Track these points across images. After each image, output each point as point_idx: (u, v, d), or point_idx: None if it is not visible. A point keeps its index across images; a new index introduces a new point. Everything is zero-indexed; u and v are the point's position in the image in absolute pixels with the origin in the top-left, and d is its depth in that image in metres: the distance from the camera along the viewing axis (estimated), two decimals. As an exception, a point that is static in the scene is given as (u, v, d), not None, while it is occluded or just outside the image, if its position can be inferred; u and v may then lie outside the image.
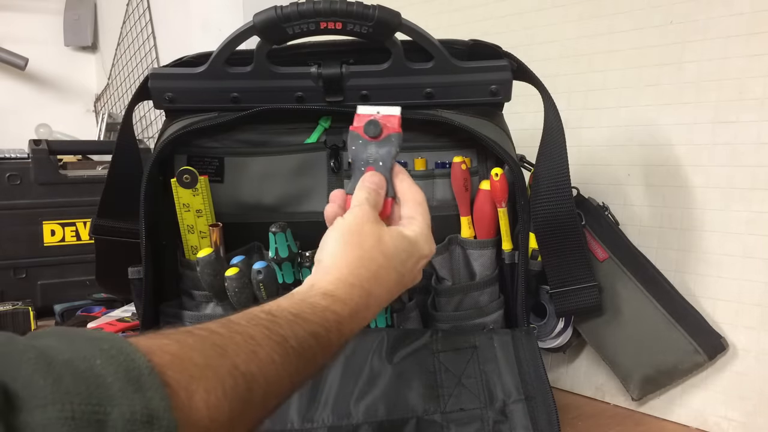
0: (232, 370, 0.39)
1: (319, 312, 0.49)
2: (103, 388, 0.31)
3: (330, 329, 0.48)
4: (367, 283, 0.53)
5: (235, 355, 0.40)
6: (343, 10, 0.72)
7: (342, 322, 0.50)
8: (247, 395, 0.40)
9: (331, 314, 0.49)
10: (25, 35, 2.22)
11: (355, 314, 0.51)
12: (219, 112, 0.79)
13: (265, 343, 0.43)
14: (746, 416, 0.80)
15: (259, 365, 0.41)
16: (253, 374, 0.41)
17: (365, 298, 0.53)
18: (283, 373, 0.43)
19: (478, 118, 0.79)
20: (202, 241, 0.81)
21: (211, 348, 0.40)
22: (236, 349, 0.41)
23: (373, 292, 0.53)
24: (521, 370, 0.73)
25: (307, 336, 0.46)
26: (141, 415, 0.32)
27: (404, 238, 0.57)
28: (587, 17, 0.95)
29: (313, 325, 0.47)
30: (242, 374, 0.40)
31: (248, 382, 0.40)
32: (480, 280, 0.81)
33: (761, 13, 0.79)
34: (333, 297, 0.51)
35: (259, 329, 0.44)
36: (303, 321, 0.47)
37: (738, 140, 0.81)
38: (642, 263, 0.88)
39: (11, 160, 1.30)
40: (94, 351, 0.33)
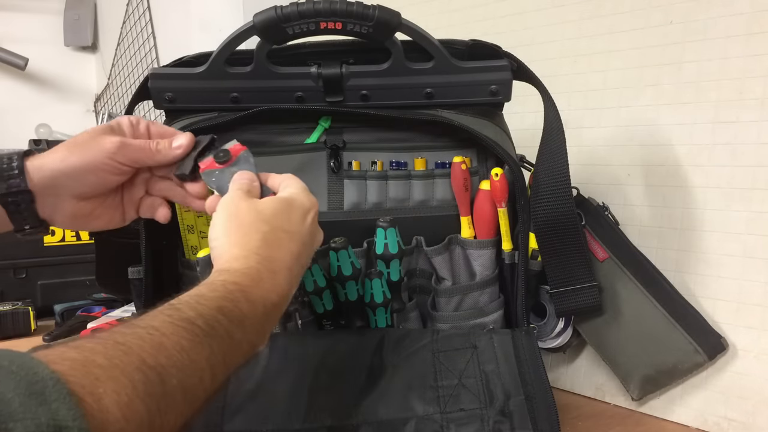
0: (139, 366, 0.38)
1: (218, 287, 0.48)
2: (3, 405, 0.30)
3: (236, 299, 0.48)
4: (260, 249, 0.53)
5: (140, 350, 0.39)
6: (343, 10, 0.72)
7: (247, 290, 0.49)
8: (162, 389, 0.39)
9: (231, 285, 0.49)
10: (25, 35, 2.22)
11: (260, 280, 0.51)
12: (219, 112, 0.79)
13: (169, 331, 0.42)
14: (746, 416, 0.80)
15: (168, 355, 0.41)
16: (163, 365, 0.40)
17: (265, 263, 0.53)
18: (197, 357, 0.42)
19: (478, 118, 0.79)
20: (202, 241, 0.81)
21: (114, 347, 0.39)
22: (141, 344, 0.40)
23: (271, 255, 0.53)
24: (521, 370, 0.73)
25: (213, 312, 0.45)
26: (47, 427, 0.31)
27: (281, 200, 0.59)
28: (587, 17, 0.96)
29: (215, 300, 0.47)
30: (151, 368, 0.39)
31: (159, 374, 0.39)
32: (480, 280, 0.81)
33: (761, 13, 0.79)
34: (228, 271, 0.51)
35: (162, 318, 0.43)
36: (204, 299, 0.47)
37: (738, 140, 0.81)
38: (642, 263, 0.88)
39: (11, 160, 1.29)
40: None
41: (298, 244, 0.57)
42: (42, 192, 0.61)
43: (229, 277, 0.50)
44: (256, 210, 0.57)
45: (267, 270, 0.52)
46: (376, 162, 0.82)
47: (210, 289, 0.48)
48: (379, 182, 0.82)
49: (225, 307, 0.47)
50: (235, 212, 0.57)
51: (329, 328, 0.80)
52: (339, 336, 0.77)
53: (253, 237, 0.54)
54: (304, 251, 0.58)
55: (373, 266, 0.78)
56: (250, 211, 0.56)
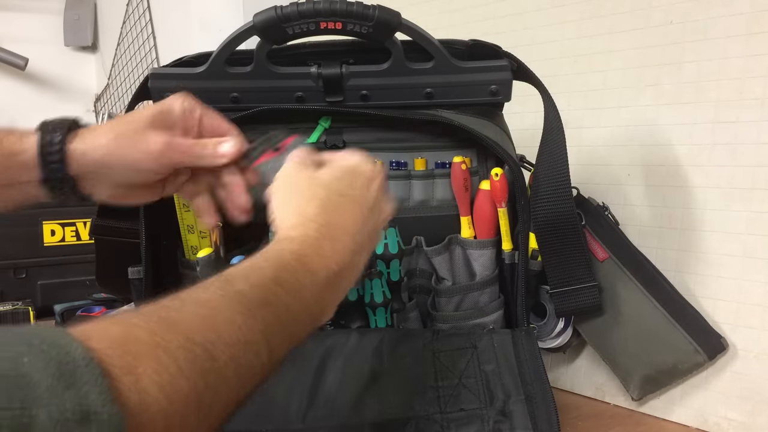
0: (185, 343, 0.35)
1: (273, 256, 0.46)
2: (28, 389, 0.28)
3: (293, 269, 0.45)
4: (318, 216, 0.50)
5: (186, 326, 0.36)
6: (343, 10, 0.72)
7: (305, 259, 0.46)
8: (211, 365, 0.36)
9: (287, 254, 0.46)
10: (25, 35, 2.22)
11: (319, 248, 0.48)
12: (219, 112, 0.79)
13: (220, 304, 0.39)
14: (746, 416, 0.80)
15: (218, 330, 0.37)
16: (212, 341, 0.37)
17: (323, 230, 0.49)
18: (250, 332, 0.39)
19: (478, 118, 0.79)
20: (202, 241, 0.81)
21: (158, 323, 0.36)
22: (187, 319, 0.37)
23: (330, 221, 0.50)
24: (521, 370, 0.73)
25: (268, 283, 0.42)
26: (73, 414, 0.29)
27: (341, 167, 0.56)
28: (587, 17, 0.95)
29: (270, 270, 0.44)
30: (198, 344, 0.36)
31: (208, 350, 0.36)
32: (480, 280, 0.81)
33: (761, 13, 0.79)
34: (285, 240, 0.48)
35: (212, 291, 0.40)
36: (258, 270, 0.44)
37: (738, 140, 0.81)
38: (642, 263, 0.88)
39: (11, 160, 1.29)
40: (22, 348, 0.30)
41: (362, 209, 0.53)
42: (83, 177, 0.60)
43: (285, 245, 0.47)
44: (313, 177, 0.54)
45: (326, 237, 0.49)
46: (376, 162, 0.82)
47: (264, 258, 0.45)
48: (379, 182, 0.82)
49: (280, 277, 0.44)
50: (292, 181, 0.54)
51: (329, 328, 0.80)
52: (339, 336, 0.77)
53: (310, 203, 0.51)
54: (370, 218, 0.54)
55: (373, 266, 0.78)
56: (307, 179, 0.54)
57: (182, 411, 0.34)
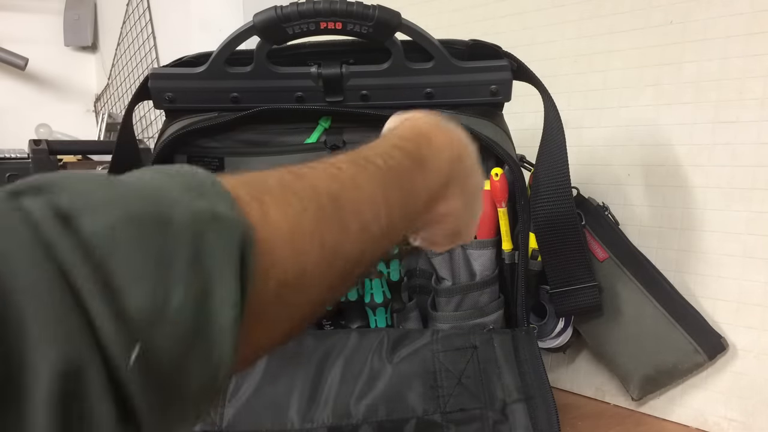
0: (311, 190, 0.36)
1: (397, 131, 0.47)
2: (162, 194, 0.29)
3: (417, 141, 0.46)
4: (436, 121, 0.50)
5: (314, 178, 0.37)
6: (343, 10, 0.72)
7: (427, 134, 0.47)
8: (334, 213, 0.36)
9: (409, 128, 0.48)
10: (25, 35, 2.22)
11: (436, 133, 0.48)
12: (219, 112, 0.79)
13: (345, 165, 0.40)
14: (746, 416, 0.80)
15: (343, 185, 0.38)
16: (338, 192, 0.37)
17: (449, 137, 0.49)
18: (373, 192, 0.40)
19: (478, 118, 0.79)
20: (202, 241, 0.81)
21: (286, 172, 0.37)
22: (315, 173, 0.38)
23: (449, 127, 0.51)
24: (521, 370, 0.73)
25: (392, 149, 0.43)
26: (206, 213, 0.29)
27: None
28: (587, 17, 0.95)
29: (394, 138, 0.45)
30: (325, 194, 0.37)
31: (334, 199, 0.37)
32: (480, 280, 0.81)
33: (761, 13, 0.79)
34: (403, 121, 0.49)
35: (340, 156, 0.41)
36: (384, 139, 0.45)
37: (738, 140, 0.81)
38: (642, 263, 0.88)
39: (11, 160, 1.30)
40: (151, 171, 0.32)
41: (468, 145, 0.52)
42: None
43: (406, 122, 0.49)
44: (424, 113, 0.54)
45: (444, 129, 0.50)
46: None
47: (389, 134, 0.47)
48: (379, 182, 0.82)
49: (403, 146, 0.44)
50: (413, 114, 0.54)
51: (329, 328, 0.81)
52: (339, 336, 0.77)
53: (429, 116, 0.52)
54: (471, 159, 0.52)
55: (373, 266, 0.78)
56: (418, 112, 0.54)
57: (305, 247, 0.34)
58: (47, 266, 0.24)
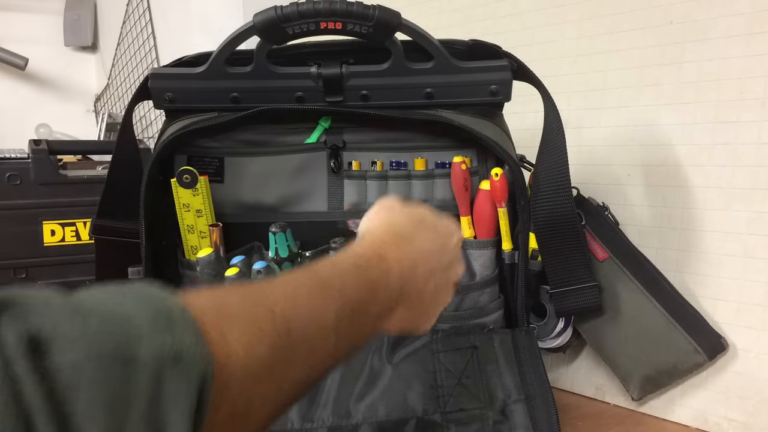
0: (269, 314, 0.38)
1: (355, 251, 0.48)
2: (131, 327, 0.31)
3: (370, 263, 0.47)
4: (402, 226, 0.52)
5: (272, 298, 0.39)
6: (343, 10, 0.72)
7: (383, 254, 0.48)
8: (287, 340, 0.38)
9: (367, 248, 0.48)
10: (25, 35, 2.22)
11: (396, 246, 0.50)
12: (219, 112, 0.79)
13: (305, 284, 0.41)
14: (746, 416, 0.80)
15: (299, 308, 0.40)
16: (292, 317, 0.39)
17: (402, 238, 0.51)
18: (326, 317, 0.41)
19: (478, 118, 0.79)
20: (202, 241, 0.81)
21: (248, 291, 0.39)
22: (273, 292, 0.40)
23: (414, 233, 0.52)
24: (521, 370, 0.73)
25: (349, 272, 0.45)
26: (169, 352, 0.31)
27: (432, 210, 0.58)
28: (587, 17, 0.95)
29: (353, 258, 0.46)
30: (279, 316, 0.38)
31: (287, 325, 0.38)
32: (480, 280, 0.81)
33: (761, 13, 0.79)
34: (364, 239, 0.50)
35: (299, 273, 0.43)
36: (342, 261, 0.46)
37: (738, 140, 0.81)
38: (642, 263, 0.88)
39: (11, 160, 1.30)
40: (123, 296, 0.33)
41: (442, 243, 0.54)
42: None
43: (364, 241, 0.50)
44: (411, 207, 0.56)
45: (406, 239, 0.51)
46: (376, 162, 0.82)
47: (348, 252, 0.48)
48: (379, 182, 0.82)
49: (359, 266, 0.46)
50: (388, 204, 0.56)
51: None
52: (339, 336, 0.77)
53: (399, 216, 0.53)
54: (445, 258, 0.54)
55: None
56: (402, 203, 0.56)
57: (258, 373, 0.36)
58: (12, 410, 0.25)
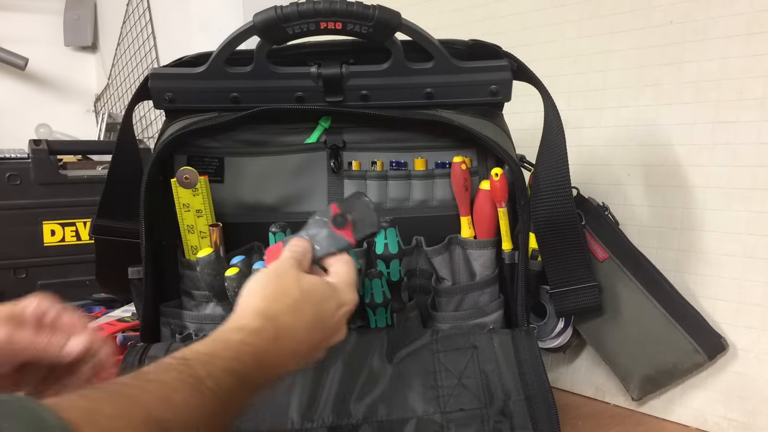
0: (145, 419, 0.39)
1: (232, 347, 0.48)
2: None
3: (247, 363, 0.48)
4: (283, 315, 0.53)
5: (147, 403, 0.40)
6: (343, 10, 0.72)
7: (259, 355, 0.49)
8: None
9: (246, 347, 0.49)
10: (25, 35, 2.22)
11: (270, 355, 0.50)
12: (219, 112, 0.79)
13: (178, 387, 0.42)
14: (746, 416, 0.80)
15: (175, 411, 0.41)
16: (169, 420, 0.40)
17: (284, 331, 0.52)
18: (200, 416, 0.43)
19: (478, 118, 0.79)
20: (202, 241, 0.81)
21: (122, 399, 0.39)
22: (148, 397, 0.40)
23: (293, 325, 0.53)
24: (521, 370, 0.73)
25: (224, 374, 0.46)
26: None
27: (325, 282, 0.59)
28: (587, 17, 0.95)
29: (228, 361, 0.47)
30: (156, 421, 0.39)
31: (163, 429, 0.40)
32: (480, 280, 0.81)
33: (761, 13, 0.79)
34: (245, 330, 0.50)
35: (172, 374, 0.43)
36: (218, 359, 0.46)
37: (738, 140, 0.81)
38: (642, 263, 0.88)
39: (11, 160, 1.30)
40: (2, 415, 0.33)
41: (319, 326, 0.56)
42: None
43: (245, 337, 0.50)
44: (298, 278, 0.56)
45: (283, 337, 0.52)
46: (376, 162, 0.82)
47: (225, 347, 0.48)
48: (379, 182, 0.82)
49: (235, 369, 0.47)
50: (278, 273, 0.56)
51: (329, 328, 0.80)
52: (339, 336, 0.77)
53: (282, 300, 0.54)
54: (323, 340, 0.57)
55: (373, 266, 0.78)
56: (291, 276, 0.56)
57: None
58: None
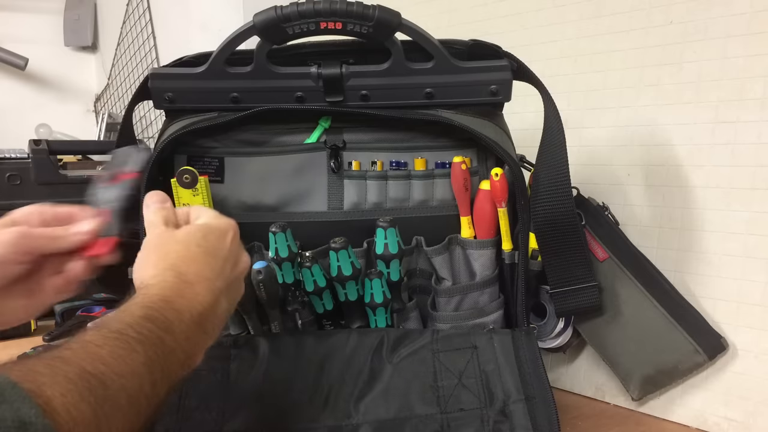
0: (80, 372, 0.40)
1: (139, 299, 0.50)
2: None
3: (160, 308, 0.50)
4: (174, 266, 0.54)
5: (78, 359, 0.41)
6: (343, 10, 0.72)
7: (169, 299, 0.51)
8: (104, 392, 0.41)
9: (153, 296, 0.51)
10: (25, 35, 2.22)
11: (180, 291, 0.53)
12: (219, 112, 0.79)
13: (102, 342, 0.44)
14: (746, 416, 0.80)
15: (106, 362, 0.42)
16: (103, 372, 0.42)
17: (181, 276, 0.54)
18: (133, 363, 0.44)
19: (478, 118, 0.79)
20: (202, 241, 0.81)
21: (52, 359, 0.41)
22: (78, 354, 0.42)
23: (187, 270, 0.55)
24: (521, 370, 0.73)
25: (140, 320, 0.47)
26: (12, 421, 0.34)
27: (196, 225, 0.61)
28: (587, 17, 0.95)
29: (140, 308, 0.49)
30: (92, 374, 0.41)
31: (100, 380, 0.41)
32: (480, 280, 0.81)
33: (761, 13, 0.79)
34: (146, 287, 0.52)
35: (92, 333, 0.45)
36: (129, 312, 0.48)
37: (738, 140, 0.81)
38: (642, 263, 0.88)
39: (11, 160, 1.30)
40: None
41: (216, 259, 0.58)
42: None
43: (148, 291, 0.52)
44: (171, 234, 0.59)
45: (184, 282, 0.54)
46: (376, 162, 0.82)
47: (132, 302, 0.50)
48: (379, 182, 0.82)
49: (150, 315, 0.48)
50: (155, 241, 0.58)
51: (329, 328, 0.81)
52: (339, 336, 0.77)
53: (167, 257, 0.56)
54: (227, 267, 0.59)
55: (373, 266, 0.78)
56: (164, 236, 0.58)
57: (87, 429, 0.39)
58: None
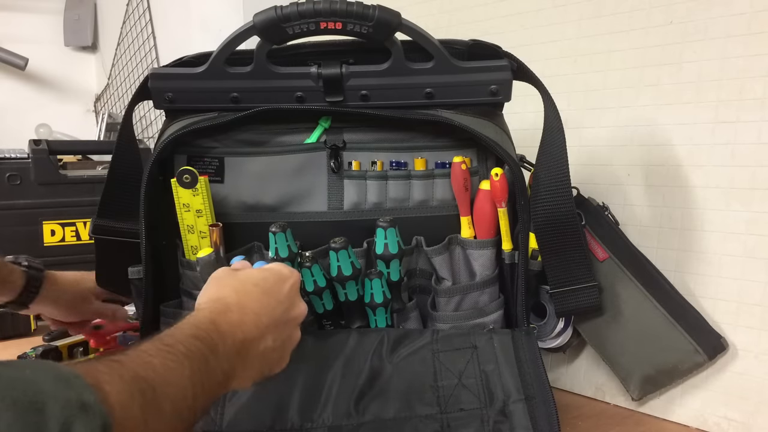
0: (134, 376, 0.45)
1: (191, 320, 0.56)
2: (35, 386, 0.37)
3: (208, 329, 0.55)
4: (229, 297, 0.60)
5: (133, 365, 0.46)
6: (343, 10, 0.72)
7: (216, 321, 0.56)
8: (153, 397, 0.45)
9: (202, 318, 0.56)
10: (25, 35, 2.22)
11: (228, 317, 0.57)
12: (219, 112, 0.79)
13: (156, 353, 0.49)
14: (746, 416, 0.80)
15: (156, 371, 0.47)
16: (153, 378, 0.46)
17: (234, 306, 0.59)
18: (180, 375, 0.49)
19: (478, 118, 0.79)
20: (202, 241, 0.81)
21: (111, 361, 0.46)
22: (132, 360, 0.47)
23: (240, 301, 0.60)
24: (521, 370, 0.73)
25: (189, 338, 0.53)
26: (76, 402, 0.38)
27: (258, 269, 0.66)
28: (587, 17, 0.96)
29: (190, 328, 0.54)
30: (143, 379, 0.45)
31: (151, 385, 0.46)
32: (480, 280, 0.81)
33: (761, 13, 0.79)
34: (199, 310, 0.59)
35: (147, 345, 0.50)
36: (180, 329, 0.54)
37: (738, 140, 0.81)
38: (642, 263, 0.88)
39: (11, 160, 1.30)
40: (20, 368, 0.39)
41: (270, 299, 0.62)
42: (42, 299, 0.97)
43: (199, 313, 0.57)
44: (233, 272, 0.65)
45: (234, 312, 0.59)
46: (376, 162, 0.82)
47: (185, 321, 0.56)
48: (379, 182, 0.82)
49: (198, 334, 0.53)
50: (217, 276, 0.65)
51: (329, 328, 0.81)
52: (339, 336, 0.77)
53: (225, 289, 0.62)
54: (279, 308, 0.62)
55: (373, 266, 0.78)
56: (229, 274, 0.65)
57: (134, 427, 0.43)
58: None
